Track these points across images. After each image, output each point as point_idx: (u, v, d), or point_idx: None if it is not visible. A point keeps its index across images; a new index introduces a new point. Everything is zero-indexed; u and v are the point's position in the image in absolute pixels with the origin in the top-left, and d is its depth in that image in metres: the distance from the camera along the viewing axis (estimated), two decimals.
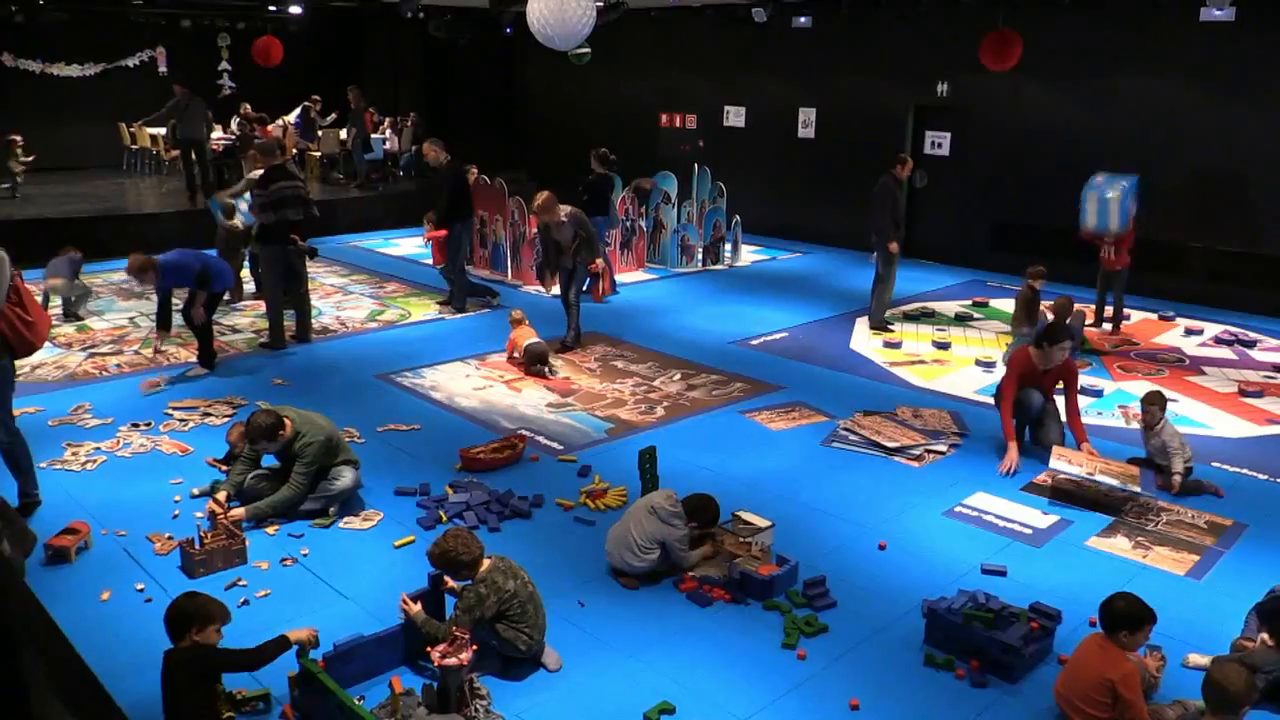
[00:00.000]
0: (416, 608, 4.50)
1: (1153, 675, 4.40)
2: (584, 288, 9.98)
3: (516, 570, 4.60)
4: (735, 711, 4.34)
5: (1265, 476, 7.04)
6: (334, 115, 18.56)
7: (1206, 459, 7.24)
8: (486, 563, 4.52)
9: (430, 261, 12.58)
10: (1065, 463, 6.64)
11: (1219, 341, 10.65)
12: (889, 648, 4.85)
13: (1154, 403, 6.75)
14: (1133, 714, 4.03)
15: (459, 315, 10.95)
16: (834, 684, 4.55)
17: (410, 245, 14.77)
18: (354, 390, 8.39)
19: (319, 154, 18.27)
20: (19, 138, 15.51)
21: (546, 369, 8.80)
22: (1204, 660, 4.68)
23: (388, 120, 18.93)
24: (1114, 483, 6.48)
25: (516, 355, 9.00)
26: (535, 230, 9.91)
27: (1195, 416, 8.20)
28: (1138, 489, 6.45)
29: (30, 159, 15.54)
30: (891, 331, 10.58)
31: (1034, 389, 7.09)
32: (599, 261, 9.80)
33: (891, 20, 14.34)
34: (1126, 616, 4.12)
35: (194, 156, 15.38)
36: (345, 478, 6.04)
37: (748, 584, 5.19)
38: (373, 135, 17.83)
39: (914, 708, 4.41)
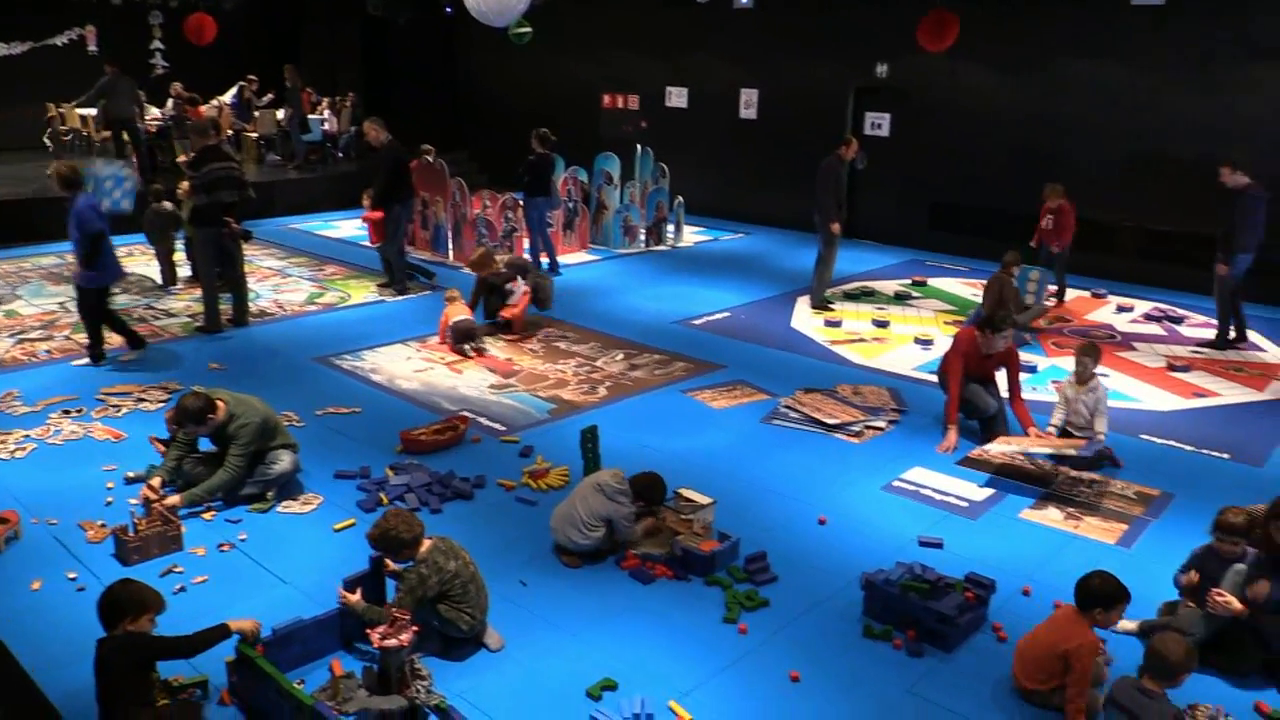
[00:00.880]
0: (354, 597, 4.47)
1: (1101, 668, 4.46)
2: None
3: (458, 550, 4.59)
4: (677, 685, 4.38)
5: (1191, 448, 7.24)
6: (270, 95, 18.20)
7: (1135, 432, 7.44)
8: (427, 543, 4.51)
9: (368, 242, 12.42)
10: (1004, 444, 6.76)
11: (1149, 318, 10.91)
12: (828, 620, 4.92)
13: (1088, 354, 6.83)
14: (1075, 689, 4.12)
15: (399, 297, 10.84)
16: (774, 656, 4.61)
17: (350, 227, 14.58)
18: (292, 374, 8.28)
19: (256, 135, 17.92)
20: None
21: (469, 346, 8.77)
22: (1132, 625, 4.82)
23: (326, 101, 18.61)
24: (1048, 451, 6.63)
25: (447, 336, 8.95)
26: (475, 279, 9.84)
27: (1125, 391, 8.40)
28: (1074, 451, 6.58)
29: None
30: (832, 310, 10.68)
31: (984, 387, 7.20)
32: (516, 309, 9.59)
33: (832, 2, 14.41)
34: (1101, 595, 4.21)
35: (125, 137, 15.01)
36: (283, 461, 5.96)
37: (690, 560, 5.23)
38: (310, 116, 17.52)
39: (853, 678, 4.48)
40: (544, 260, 12.12)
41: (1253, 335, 10.23)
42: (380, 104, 18.69)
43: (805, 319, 10.46)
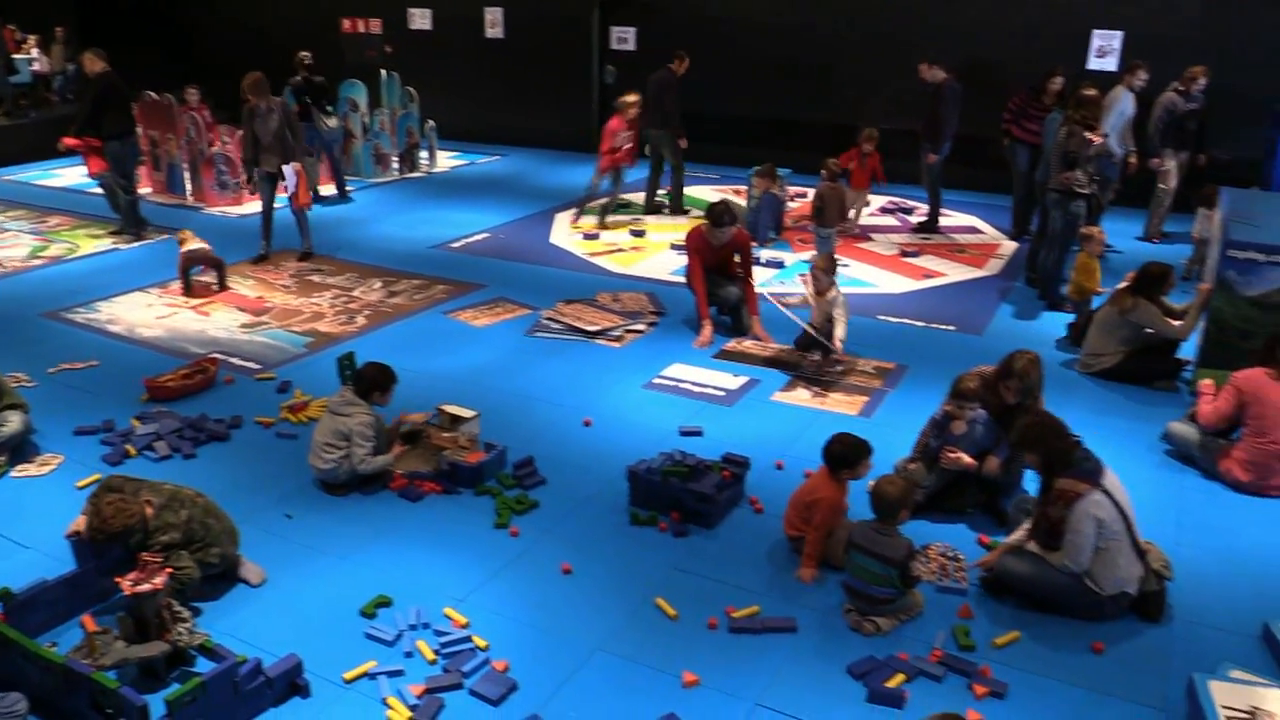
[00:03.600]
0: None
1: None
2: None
3: (179, 493, 4.37)
4: (452, 592, 4.44)
5: (922, 323, 7.87)
6: None
7: (873, 313, 7.99)
8: (149, 509, 4.22)
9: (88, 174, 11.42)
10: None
11: (884, 211, 11.65)
12: (597, 514, 5.09)
13: (822, 267, 7.28)
14: (813, 534, 4.54)
15: (135, 243, 10.14)
16: (547, 553, 4.74)
17: (75, 174, 13.42)
18: (17, 332, 7.64)
19: None
20: None
21: (196, 278, 8.55)
22: None
23: (32, 38, 16.91)
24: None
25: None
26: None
27: (864, 278, 8.99)
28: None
29: None
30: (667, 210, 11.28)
31: (726, 279, 7.51)
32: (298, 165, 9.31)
33: None
34: (841, 457, 4.60)
35: None
36: (12, 423, 5.53)
37: (457, 473, 5.26)
38: (16, 56, 15.91)
39: (622, 563, 4.67)
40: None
41: (971, 219, 11.13)
42: (96, 39, 17.14)
43: (564, 234, 10.54)
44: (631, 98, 10.62)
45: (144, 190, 11.73)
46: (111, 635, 3.98)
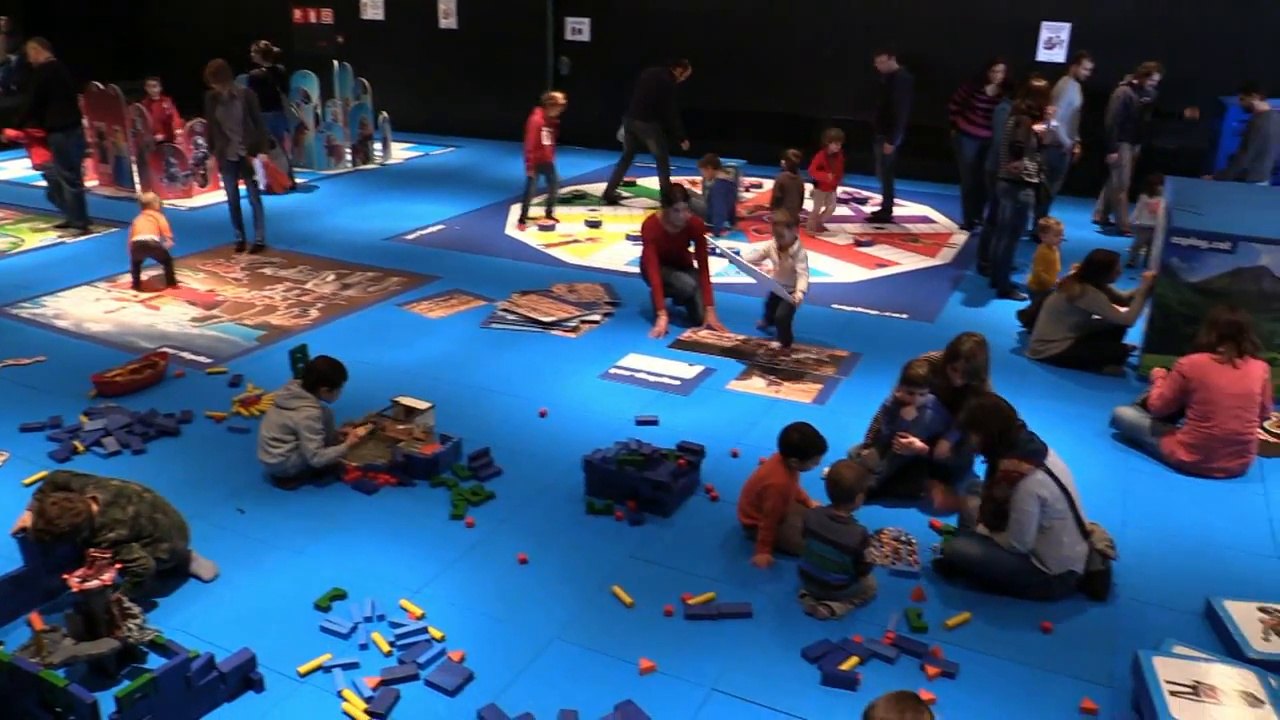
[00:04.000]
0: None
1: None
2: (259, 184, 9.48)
3: (126, 489, 4.30)
4: (408, 584, 4.42)
5: (875, 312, 7.95)
6: None
7: (828, 302, 8.05)
8: (94, 506, 4.14)
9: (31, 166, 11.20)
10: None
11: (838, 201, 11.70)
12: (553, 503, 5.10)
13: (781, 221, 7.21)
14: (764, 520, 4.58)
15: (82, 237, 9.96)
16: (503, 543, 4.74)
17: (19, 168, 13.15)
18: None
19: None
20: None
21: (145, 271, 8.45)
22: None
23: None
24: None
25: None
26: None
27: (819, 267, 9.03)
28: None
29: None
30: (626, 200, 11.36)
31: (681, 270, 7.54)
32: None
33: None
34: (795, 446, 4.63)
35: None
36: None
37: (412, 465, 5.24)
38: None
39: (579, 552, 4.68)
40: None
41: (924, 209, 11.24)
42: (41, 27, 16.78)
43: (519, 226, 10.50)
44: (558, 95, 10.51)
45: (91, 183, 11.52)
46: (60, 633, 3.92)
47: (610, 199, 11.57)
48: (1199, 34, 11.12)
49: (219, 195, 9.83)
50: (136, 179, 11.81)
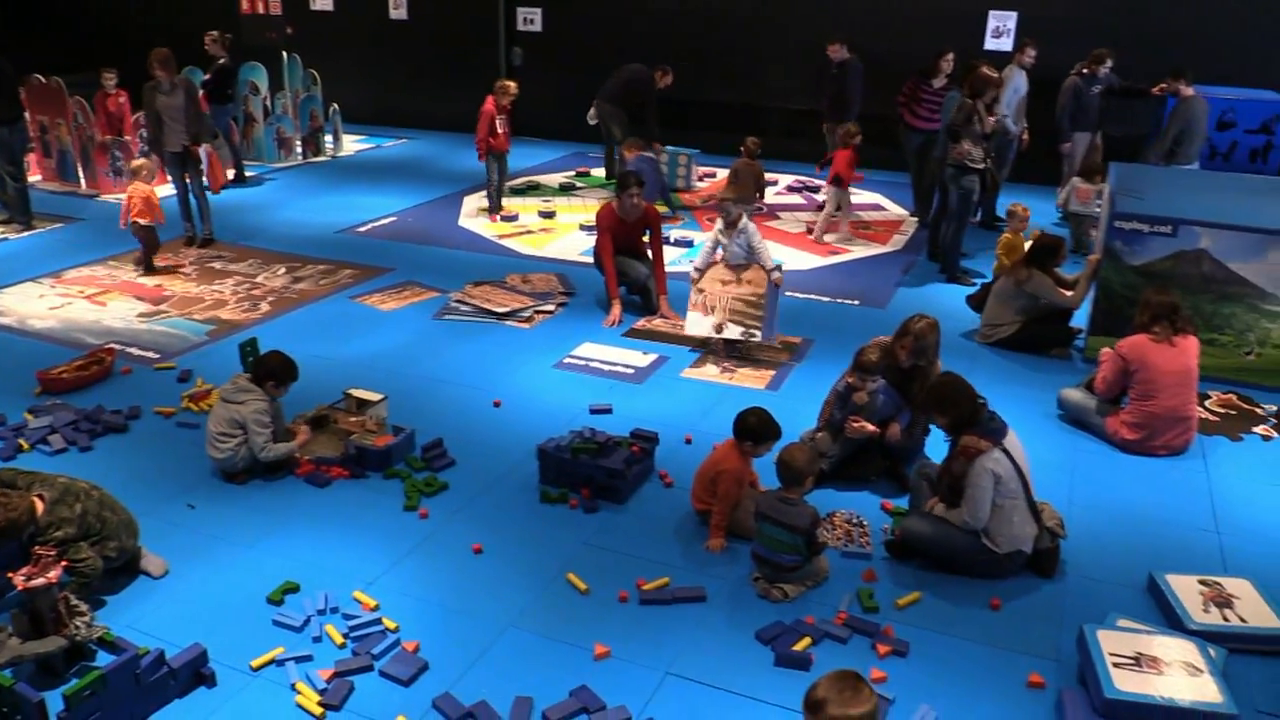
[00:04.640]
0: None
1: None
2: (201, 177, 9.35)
3: (73, 486, 4.22)
4: (361, 576, 4.40)
5: (827, 298, 8.03)
6: None
7: (781, 289, 8.07)
8: (39, 504, 4.07)
9: None
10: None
11: (790, 190, 11.80)
12: (508, 493, 5.10)
13: (728, 198, 7.11)
14: (718, 505, 4.63)
15: (26, 233, 9.77)
16: (457, 533, 4.73)
17: None
18: None
19: None
20: None
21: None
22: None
23: None
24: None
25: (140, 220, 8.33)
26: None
27: (772, 256, 9.06)
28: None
29: None
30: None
31: (635, 259, 7.55)
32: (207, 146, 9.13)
33: None
34: (749, 429, 4.67)
35: None
36: None
37: (365, 457, 5.21)
38: None
39: (533, 540, 4.69)
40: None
41: (875, 196, 11.34)
42: None
43: (472, 217, 10.45)
44: (510, 83, 10.42)
45: (34, 178, 11.31)
46: (5, 633, 3.86)
47: (612, 175, 11.49)
48: (1144, 22, 11.30)
49: (167, 189, 9.65)
50: (81, 173, 11.60)
